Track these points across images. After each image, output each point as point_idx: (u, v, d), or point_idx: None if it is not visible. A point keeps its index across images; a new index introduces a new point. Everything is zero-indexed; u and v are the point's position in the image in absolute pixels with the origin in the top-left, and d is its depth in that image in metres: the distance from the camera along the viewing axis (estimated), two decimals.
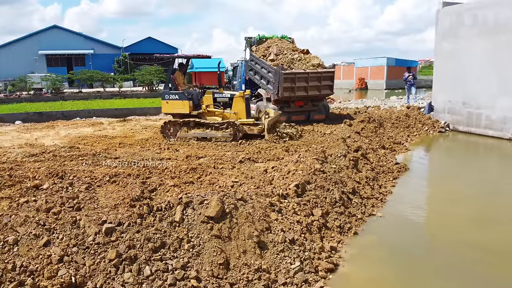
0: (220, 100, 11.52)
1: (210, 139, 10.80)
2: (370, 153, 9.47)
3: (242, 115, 11.20)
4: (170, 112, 11.66)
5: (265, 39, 16.13)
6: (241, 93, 11.48)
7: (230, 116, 11.19)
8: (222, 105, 11.49)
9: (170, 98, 11.35)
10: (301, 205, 5.83)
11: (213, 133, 10.90)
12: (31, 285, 3.77)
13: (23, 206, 5.13)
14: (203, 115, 11.34)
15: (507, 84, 13.03)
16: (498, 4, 13.30)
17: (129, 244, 4.27)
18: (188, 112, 11.19)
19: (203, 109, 11.32)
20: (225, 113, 11.30)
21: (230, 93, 11.76)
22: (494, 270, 4.93)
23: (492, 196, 8.10)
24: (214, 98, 11.48)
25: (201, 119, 11.20)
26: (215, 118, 11.25)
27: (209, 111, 11.34)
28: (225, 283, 4.18)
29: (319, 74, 13.96)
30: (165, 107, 11.62)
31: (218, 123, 11.00)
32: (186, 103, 11.14)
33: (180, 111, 11.27)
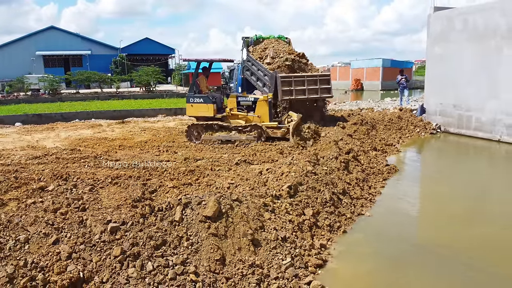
0: (243, 103, 11.73)
1: (234, 141, 11.01)
2: (361, 155, 9.82)
3: (265, 118, 11.43)
4: (195, 115, 11.84)
5: (262, 39, 16.27)
6: (265, 96, 11.67)
7: (253, 119, 11.41)
8: (245, 108, 11.70)
9: (195, 101, 11.54)
10: (293, 205, 6.18)
11: (237, 136, 11.11)
12: (42, 280, 4.10)
13: (31, 207, 5.46)
14: (226, 118, 11.58)
15: (496, 88, 13.43)
16: (488, 10, 13.69)
17: (132, 242, 4.60)
18: (212, 115, 11.43)
19: (227, 112, 11.57)
20: (248, 116, 11.52)
21: (253, 96, 11.93)
22: (474, 267, 5.29)
23: (479, 196, 8.48)
24: (238, 102, 11.71)
25: (225, 122, 11.43)
26: (238, 121, 11.47)
27: (233, 114, 11.57)
28: (221, 277, 4.53)
29: (315, 77, 14.26)
30: (189, 110, 11.79)
31: (242, 126, 11.24)
32: (210, 106, 11.38)
33: (205, 114, 11.50)
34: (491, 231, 6.52)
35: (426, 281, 4.94)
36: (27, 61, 44.87)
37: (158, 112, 20.75)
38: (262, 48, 15.73)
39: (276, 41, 16.17)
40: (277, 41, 16.25)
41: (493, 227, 6.69)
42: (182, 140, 11.83)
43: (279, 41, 16.29)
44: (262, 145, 10.40)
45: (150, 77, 35.02)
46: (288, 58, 14.61)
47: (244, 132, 11.18)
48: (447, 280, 4.94)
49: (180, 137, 12.45)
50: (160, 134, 13.11)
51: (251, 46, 16.01)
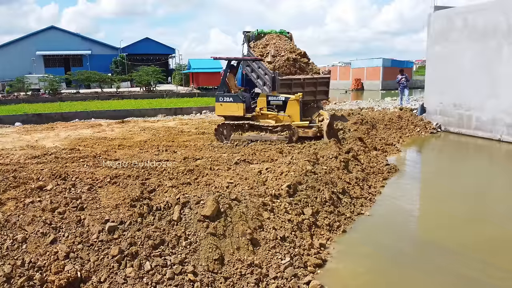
0: (273, 103, 11.49)
1: (265, 141, 10.81)
2: (361, 154, 9.79)
3: (296, 118, 11.20)
4: (224, 114, 11.64)
5: (263, 34, 15.86)
6: (297, 96, 11.44)
7: (283, 119, 11.19)
8: (275, 108, 11.47)
9: (225, 101, 11.36)
10: (293, 204, 6.16)
11: (267, 136, 10.93)
12: (39, 280, 4.08)
13: (29, 207, 5.43)
14: (256, 118, 11.38)
15: (497, 87, 13.40)
16: (488, 9, 13.66)
17: (130, 241, 4.58)
18: (242, 114, 11.26)
19: (257, 112, 11.35)
20: (278, 116, 11.29)
21: (284, 96, 11.67)
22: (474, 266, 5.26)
23: (479, 196, 8.45)
24: (268, 101, 11.49)
25: (255, 121, 11.25)
26: (268, 121, 11.28)
27: (263, 113, 11.36)
28: (219, 277, 4.50)
29: (314, 80, 14.17)
30: (219, 109, 11.58)
31: (272, 126, 11.07)
32: (240, 106, 11.21)
33: (234, 113, 11.32)
34: (491, 231, 6.50)
35: (425, 281, 4.92)
36: (27, 61, 44.86)
37: (158, 112, 20.73)
38: (264, 44, 15.39)
39: (277, 37, 15.76)
40: (279, 36, 15.82)
41: (494, 227, 6.67)
42: (182, 140, 11.80)
43: (280, 36, 15.90)
44: (261, 145, 10.36)
45: (150, 77, 35.02)
46: (290, 57, 14.50)
47: (275, 132, 10.98)
48: (447, 279, 4.92)
49: (180, 137, 12.43)
50: (159, 134, 13.08)
51: (252, 42, 15.77)
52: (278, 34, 16.05)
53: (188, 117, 19.24)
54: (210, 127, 14.45)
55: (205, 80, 38.50)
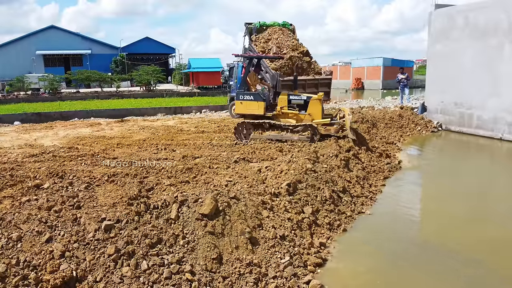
0: (295, 102, 11.24)
1: (286, 141, 10.61)
2: (362, 153, 9.71)
3: (317, 117, 10.95)
4: (244, 112, 11.35)
5: (265, 27, 15.34)
6: (319, 95, 11.19)
7: (304, 118, 10.97)
8: (297, 107, 11.22)
9: (245, 99, 11.11)
10: (292, 203, 6.08)
11: (288, 135, 10.75)
12: (34, 279, 4.00)
13: (25, 205, 5.36)
14: (276, 117, 11.18)
15: (498, 85, 13.32)
16: (489, 7, 13.58)
17: (127, 240, 4.50)
18: (262, 113, 11.02)
19: (278, 111, 11.14)
20: (299, 115, 11.06)
21: (306, 95, 11.41)
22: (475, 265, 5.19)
23: (481, 195, 8.38)
24: (289, 100, 11.24)
25: (275, 120, 11.07)
26: (288, 120, 11.07)
27: (283, 112, 11.13)
28: (218, 276, 4.43)
29: (316, 81, 14.05)
30: (239, 107, 11.29)
31: (293, 125, 10.88)
32: (261, 104, 10.98)
33: (255, 112, 11.07)
34: (492, 230, 6.43)
35: (426, 280, 4.85)
36: (27, 61, 44.82)
37: (158, 111, 20.67)
38: (265, 38, 15.01)
39: (280, 30, 15.30)
40: (281, 29, 15.35)
41: (495, 226, 6.60)
42: (181, 139, 11.72)
43: (283, 30, 15.48)
44: (261, 143, 10.27)
45: (150, 76, 34.97)
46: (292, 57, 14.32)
47: (296, 131, 10.81)
48: (447, 278, 4.85)
49: (179, 136, 12.35)
50: (159, 133, 13.01)
51: (254, 35, 15.53)
52: (280, 27, 15.75)
53: (188, 116, 19.16)
54: (209, 126, 14.39)
55: (205, 79, 38.47)
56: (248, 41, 15.37)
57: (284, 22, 16.05)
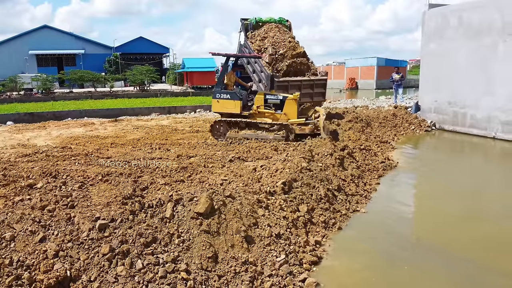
0: (271, 101, 11.33)
1: (261, 140, 10.67)
2: (356, 151, 9.73)
3: (292, 116, 11.06)
4: (220, 111, 11.47)
5: (261, 23, 15.40)
6: (295, 95, 11.27)
7: (280, 118, 11.07)
8: (272, 106, 11.31)
9: (222, 97, 11.19)
10: (288, 201, 6.07)
11: (264, 134, 10.83)
12: (28, 279, 3.96)
13: (18, 204, 5.31)
14: (253, 116, 11.25)
15: (491, 84, 13.39)
16: (482, 6, 13.65)
17: (121, 239, 4.47)
18: (238, 112, 11.11)
19: (254, 110, 11.20)
20: (275, 114, 11.15)
21: (282, 95, 11.50)
22: (469, 263, 5.21)
23: (475, 193, 8.40)
24: (265, 99, 11.31)
25: (251, 120, 11.14)
26: (265, 119, 11.16)
27: (260, 112, 11.20)
28: (213, 275, 4.40)
29: (311, 81, 14.04)
30: (215, 106, 11.40)
31: (269, 124, 10.96)
32: (237, 103, 11.05)
33: (231, 110, 11.17)
34: (487, 228, 6.45)
35: (421, 278, 4.85)
36: (20, 61, 44.48)
37: (152, 110, 20.59)
38: (262, 36, 14.87)
39: (276, 27, 15.17)
40: (277, 27, 15.27)
41: (489, 224, 6.62)
42: (175, 138, 11.68)
43: (279, 27, 15.30)
44: (256, 142, 10.26)
45: (144, 76, 34.82)
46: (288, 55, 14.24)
47: (271, 130, 10.89)
48: (442, 276, 4.86)
49: (173, 135, 12.31)
50: (153, 132, 12.96)
51: (250, 32, 15.42)
52: (276, 24, 15.65)
53: (182, 116, 19.10)
54: (204, 125, 14.34)
55: (199, 79, 38.38)
56: (243, 37, 15.26)
57: (280, 18, 15.93)
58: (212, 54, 11.49)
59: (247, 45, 14.84)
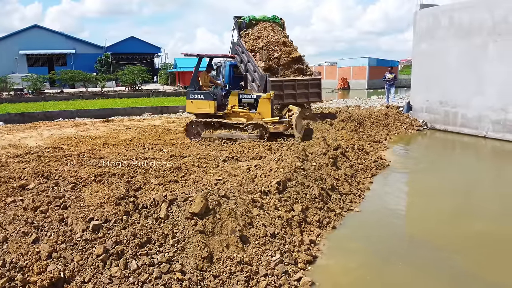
0: (245, 101, 11.36)
1: (236, 139, 10.73)
2: (349, 151, 9.76)
3: (266, 115, 11.09)
4: (194, 111, 11.46)
5: (255, 21, 15.45)
6: (268, 94, 11.30)
7: (254, 117, 11.10)
8: (247, 105, 11.35)
9: (195, 98, 11.19)
10: (282, 201, 6.08)
11: (239, 134, 10.84)
12: (21, 281, 3.91)
13: (10, 206, 5.24)
14: (227, 116, 11.26)
15: (482, 84, 13.52)
16: (473, 7, 13.77)
17: (115, 240, 4.44)
18: (213, 112, 11.10)
19: (228, 110, 11.21)
20: (250, 113, 11.18)
21: (256, 94, 11.57)
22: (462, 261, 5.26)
23: (467, 191, 8.48)
24: (239, 99, 11.34)
25: (226, 119, 11.14)
26: (239, 119, 11.16)
27: (234, 111, 11.22)
28: (208, 275, 4.39)
29: (306, 81, 14.05)
30: (189, 106, 11.40)
31: (243, 124, 10.96)
32: (211, 103, 11.05)
33: (205, 111, 11.16)
34: (479, 226, 6.51)
35: (415, 276, 4.89)
36: (10, 61, 43.99)
37: (144, 110, 20.49)
38: (255, 35, 14.75)
39: (270, 27, 15.20)
40: (271, 26, 15.30)
41: (481, 222, 6.68)
42: (168, 138, 11.63)
43: (273, 26, 15.33)
44: (250, 142, 10.25)
45: (136, 76, 34.64)
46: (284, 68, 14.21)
47: (245, 130, 10.91)
48: (435, 273, 4.89)
49: (166, 135, 12.25)
50: (145, 132, 12.88)
51: (244, 31, 15.33)
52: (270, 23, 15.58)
53: (175, 116, 19.03)
54: None
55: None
56: (236, 36, 15.21)
57: (274, 17, 15.89)
58: (185, 55, 11.61)
59: (240, 43, 14.81)
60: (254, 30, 15.07)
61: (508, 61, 12.64)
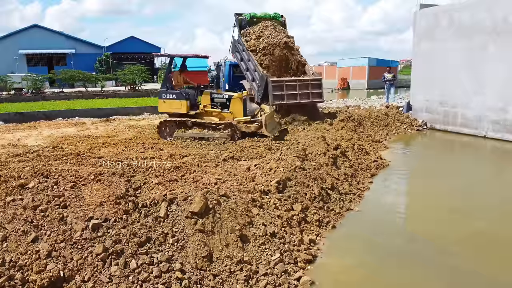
0: (217, 100, 11.43)
1: (208, 139, 10.79)
2: (349, 151, 9.76)
3: (238, 114, 11.17)
4: (167, 111, 11.54)
5: (256, 19, 15.47)
6: (239, 94, 11.40)
7: (227, 116, 11.17)
8: (219, 105, 11.42)
9: (168, 98, 11.27)
10: (282, 200, 6.08)
11: (210, 133, 10.88)
12: (21, 279, 3.91)
13: (10, 205, 5.23)
14: (200, 115, 11.30)
15: (482, 84, 13.52)
16: (473, 7, 13.77)
17: (115, 239, 4.44)
18: (185, 111, 11.14)
19: (201, 109, 11.27)
20: (222, 113, 11.25)
21: (228, 93, 11.64)
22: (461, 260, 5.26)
23: (467, 191, 8.46)
24: (212, 99, 11.41)
25: (198, 119, 11.17)
26: (212, 119, 11.21)
27: (207, 111, 11.28)
28: (208, 274, 4.39)
29: (307, 81, 14.04)
30: (162, 106, 11.50)
31: (215, 123, 10.99)
32: (183, 103, 11.09)
33: (177, 110, 11.21)
34: (478, 225, 6.51)
35: (414, 275, 4.89)
36: (9, 60, 43.90)
37: (144, 110, 20.45)
38: (257, 35, 14.75)
39: (272, 25, 15.21)
40: (273, 25, 15.30)
41: (481, 221, 6.68)
42: None
43: (275, 25, 15.34)
44: (249, 142, 10.25)
45: (136, 75, 34.61)
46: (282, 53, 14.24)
47: (218, 129, 10.97)
48: (434, 272, 4.89)
49: None
50: (145, 132, 12.88)
51: (245, 29, 15.28)
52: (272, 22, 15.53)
53: None
54: None
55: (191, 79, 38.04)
56: (237, 33, 15.18)
57: (275, 14, 15.86)
58: (155, 56, 11.68)
59: (240, 41, 14.79)
60: (255, 29, 15.03)
61: (508, 61, 12.63)
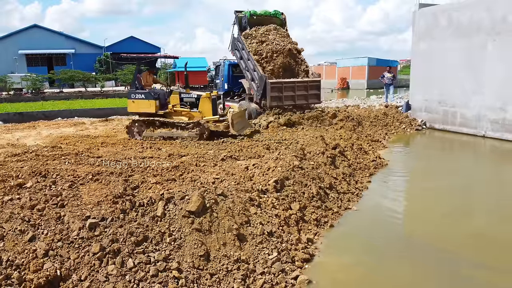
0: (186, 100, 11.58)
1: (176, 138, 10.91)
2: (348, 150, 9.75)
3: (207, 114, 11.31)
4: (136, 111, 11.69)
5: (256, 16, 15.47)
6: (208, 94, 11.54)
7: (196, 116, 11.30)
8: (189, 105, 11.56)
9: (136, 98, 11.41)
10: (280, 199, 6.08)
11: (179, 132, 11.01)
12: (18, 278, 3.91)
13: (8, 204, 5.23)
14: (169, 115, 11.44)
15: (481, 84, 13.51)
16: (472, 6, 13.77)
17: (112, 238, 4.43)
18: (154, 111, 11.29)
19: (170, 109, 11.41)
20: (191, 112, 11.40)
21: (197, 93, 11.79)
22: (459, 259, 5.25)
23: (466, 191, 8.46)
24: (181, 98, 11.56)
25: (167, 118, 11.30)
26: (181, 118, 11.35)
27: (176, 110, 11.43)
28: (205, 273, 4.38)
29: (305, 83, 14.05)
30: (131, 106, 11.63)
31: (184, 122, 11.10)
32: (152, 103, 11.24)
33: (146, 110, 11.37)
34: (477, 225, 6.51)
35: (412, 274, 4.88)
36: (9, 60, 43.98)
37: None
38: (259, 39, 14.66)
39: (275, 29, 15.17)
40: (276, 29, 15.27)
41: (480, 221, 6.69)
42: None
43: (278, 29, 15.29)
44: (248, 141, 10.26)
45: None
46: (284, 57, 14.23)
47: (186, 129, 11.06)
48: (432, 271, 4.89)
49: None
50: None
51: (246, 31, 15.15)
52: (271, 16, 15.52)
53: None
54: None
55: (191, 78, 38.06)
56: (237, 31, 15.16)
57: (275, 11, 15.85)
58: (122, 56, 11.94)
59: (240, 39, 14.77)
60: (258, 33, 14.95)
61: (507, 61, 12.63)
